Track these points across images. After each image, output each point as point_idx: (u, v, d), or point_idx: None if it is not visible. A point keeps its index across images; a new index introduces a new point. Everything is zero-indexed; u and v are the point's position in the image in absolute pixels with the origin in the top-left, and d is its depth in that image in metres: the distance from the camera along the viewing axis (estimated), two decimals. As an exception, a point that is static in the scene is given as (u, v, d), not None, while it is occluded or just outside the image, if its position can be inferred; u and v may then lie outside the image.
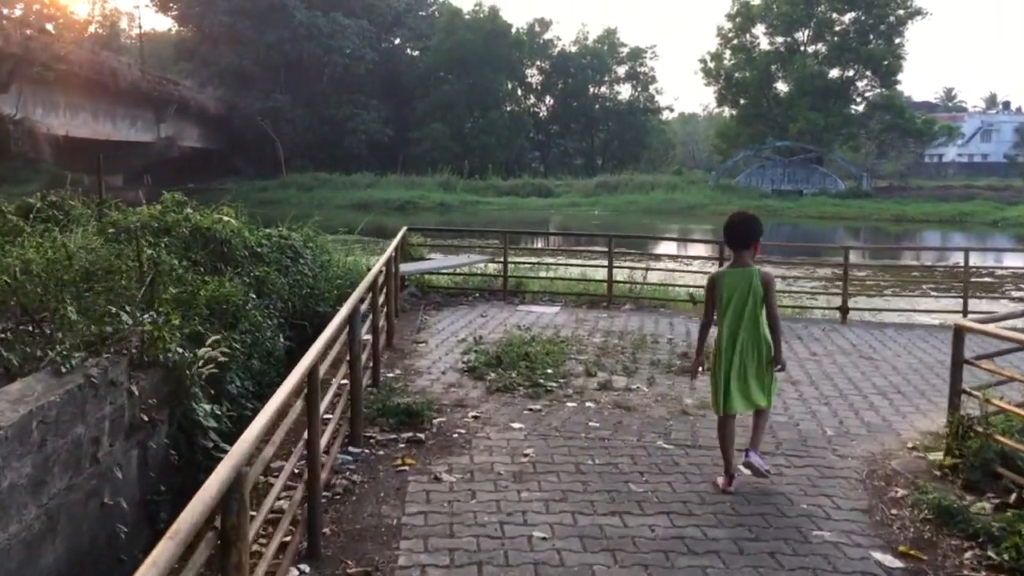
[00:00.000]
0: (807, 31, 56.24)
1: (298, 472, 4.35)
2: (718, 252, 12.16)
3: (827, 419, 6.37)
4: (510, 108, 64.55)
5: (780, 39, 56.96)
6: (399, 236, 10.62)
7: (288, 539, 3.80)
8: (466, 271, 13.33)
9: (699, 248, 22.84)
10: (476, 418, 6.19)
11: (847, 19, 54.78)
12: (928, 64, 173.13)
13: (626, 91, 69.12)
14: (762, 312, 4.88)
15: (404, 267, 11.36)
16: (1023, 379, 5.35)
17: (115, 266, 6.21)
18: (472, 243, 17.35)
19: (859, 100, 57.55)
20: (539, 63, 67.25)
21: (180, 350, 5.46)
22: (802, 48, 56.42)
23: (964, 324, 5.38)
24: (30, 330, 5.23)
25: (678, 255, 19.55)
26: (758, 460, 4.96)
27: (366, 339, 6.79)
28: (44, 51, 32.78)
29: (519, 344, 8.34)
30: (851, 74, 56.22)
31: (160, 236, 7.85)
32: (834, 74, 56.02)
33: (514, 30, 63.79)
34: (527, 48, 64.56)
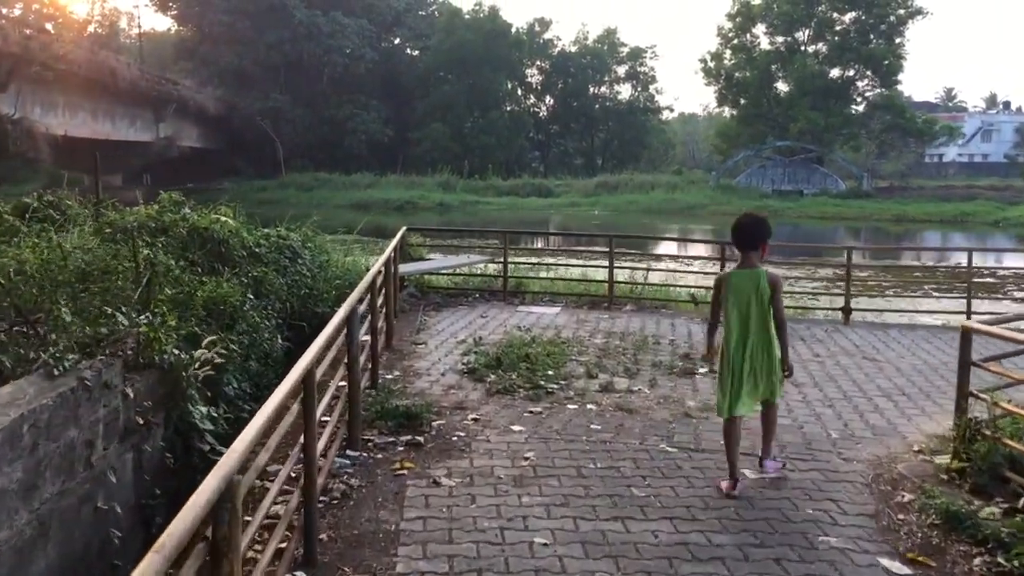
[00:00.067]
0: (807, 31, 56.16)
1: (295, 476, 4.28)
2: (719, 252, 12.07)
3: (831, 422, 6.29)
4: (510, 108, 64.45)
5: (780, 39, 56.89)
6: (398, 236, 10.53)
7: (284, 545, 3.72)
8: (466, 271, 13.25)
9: (700, 248, 22.80)
10: (476, 420, 6.12)
11: (847, 19, 54.72)
12: (928, 64, 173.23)
13: (626, 91, 69.17)
14: (770, 313, 4.87)
15: (403, 267, 11.27)
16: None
17: (111, 266, 6.14)
18: (472, 243, 17.29)
19: (860, 100, 57.48)
20: (539, 63, 67.17)
21: (176, 352, 5.39)
22: (802, 48, 56.33)
23: (971, 326, 5.30)
24: (24, 331, 5.16)
25: (679, 255, 19.47)
26: (773, 468, 5.12)
27: (365, 340, 6.72)
28: (43, 51, 32.71)
29: (519, 345, 8.27)
30: (852, 74, 56.14)
31: (157, 236, 7.76)
32: (835, 74, 55.94)
33: (514, 30, 63.71)
34: (527, 48, 64.47)
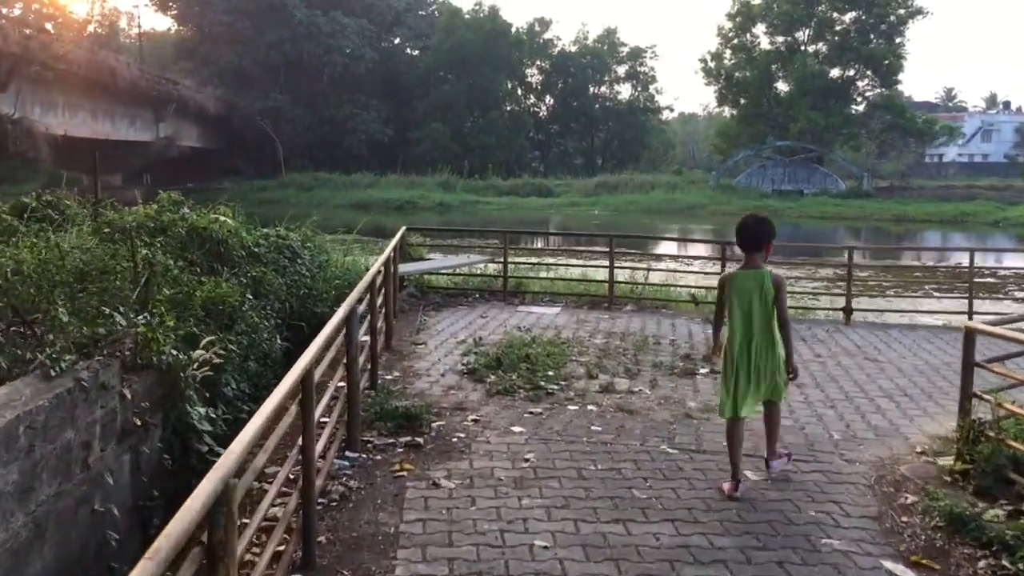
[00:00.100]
0: (808, 30, 56.13)
1: (293, 478, 4.25)
2: (720, 252, 12.04)
3: (833, 423, 6.25)
4: (510, 108, 64.42)
5: (780, 38, 56.85)
6: (398, 236, 10.48)
7: (282, 548, 3.69)
8: (466, 271, 13.21)
9: (700, 248, 22.77)
10: (476, 422, 6.08)
11: (848, 18, 54.69)
12: (928, 64, 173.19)
13: (626, 91, 69.17)
14: (773, 314, 4.87)
15: (403, 267, 11.23)
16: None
17: (109, 266, 6.10)
18: (472, 243, 17.24)
19: (860, 100, 57.45)
20: (539, 63, 67.14)
21: (174, 352, 5.35)
22: (803, 47, 56.30)
23: (975, 326, 5.26)
24: (21, 332, 5.12)
25: (680, 255, 19.43)
26: (779, 466, 5.13)
27: (364, 340, 6.69)
28: (43, 50, 32.68)
29: (519, 346, 8.23)
30: (852, 74, 56.10)
31: (155, 236, 7.72)
32: (835, 74, 55.91)
33: (514, 30, 63.69)
34: (527, 48, 64.45)
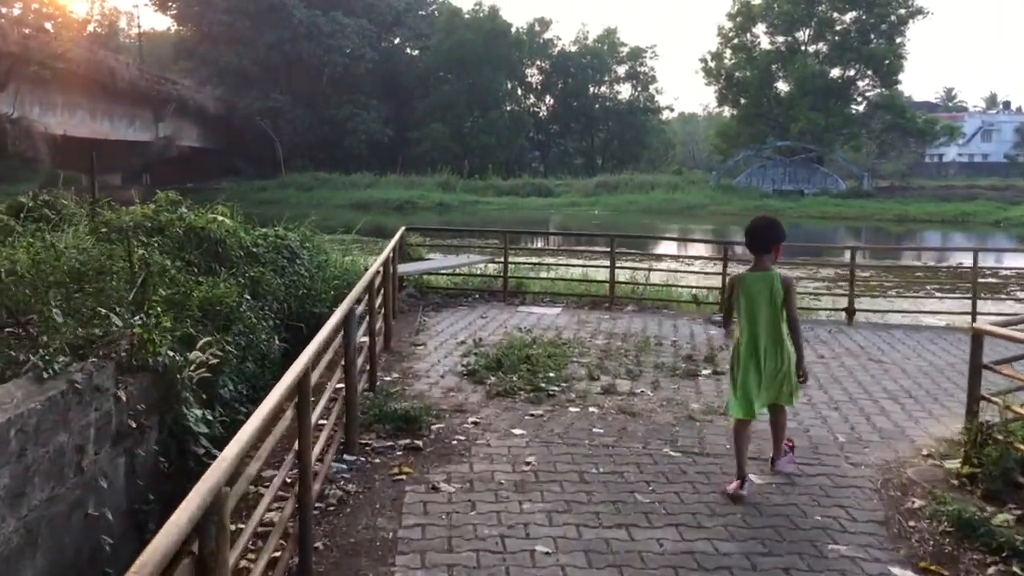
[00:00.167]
0: (808, 30, 56.06)
1: (290, 482, 4.17)
2: (721, 252, 11.97)
3: (838, 425, 6.18)
4: (510, 108, 64.34)
5: (781, 38, 56.79)
6: (397, 236, 10.41)
7: (278, 555, 3.61)
8: (466, 271, 13.13)
9: (701, 248, 22.70)
10: (476, 424, 6.00)
11: (848, 18, 54.62)
12: (928, 64, 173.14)
13: (626, 91, 69.10)
14: (782, 316, 4.83)
15: (402, 267, 11.15)
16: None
17: (105, 267, 6.03)
18: (472, 243, 17.15)
19: (860, 100, 57.40)
20: (539, 63, 67.07)
21: (171, 353, 5.28)
22: (803, 47, 56.23)
23: (984, 328, 5.19)
24: (15, 333, 5.05)
25: (680, 255, 19.37)
26: (786, 466, 5.13)
27: (363, 341, 6.61)
28: (42, 50, 32.65)
29: (520, 346, 8.15)
30: (852, 74, 56.05)
31: (153, 236, 7.66)
32: (835, 73, 55.86)
33: (514, 30, 63.62)
34: (527, 48, 64.37)
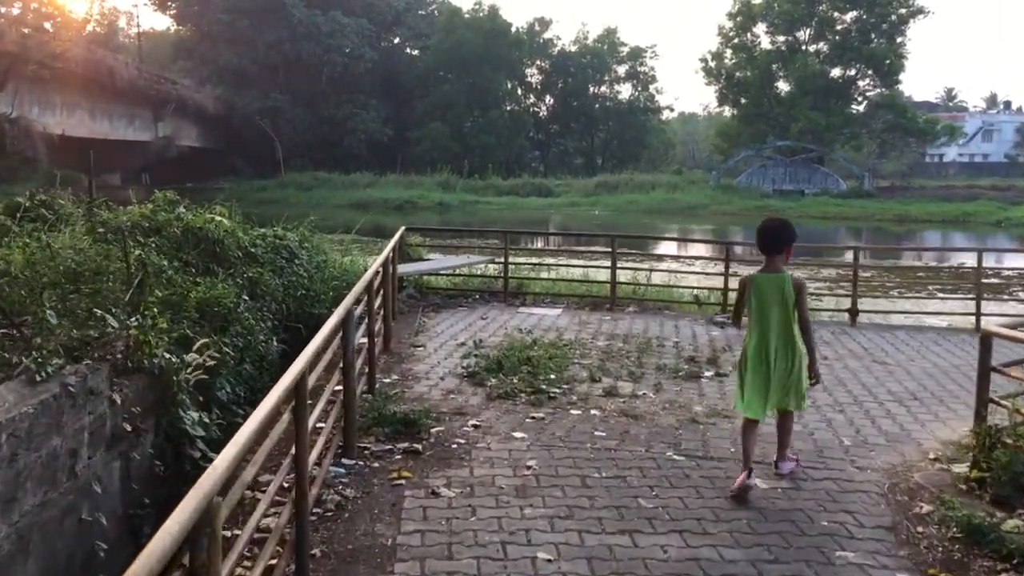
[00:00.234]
0: (808, 30, 55.99)
1: (287, 487, 4.09)
2: (723, 253, 11.90)
3: (843, 428, 6.10)
4: (510, 108, 64.27)
5: (781, 38, 56.73)
6: (397, 236, 10.32)
7: (274, 562, 3.53)
8: (466, 272, 13.05)
9: (701, 248, 22.64)
10: (476, 427, 5.93)
11: (849, 18, 54.56)
12: (929, 64, 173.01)
13: (626, 91, 69.02)
14: (794, 317, 4.78)
15: (402, 268, 11.08)
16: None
17: (102, 267, 5.95)
18: (472, 243, 17.08)
19: (861, 99, 57.32)
20: (539, 62, 66.99)
21: (167, 355, 5.19)
22: (803, 47, 56.15)
23: (992, 330, 5.11)
24: (9, 335, 4.97)
25: (681, 255, 19.29)
26: (788, 468, 5.07)
27: (362, 343, 6.54)
28: (41, 49, 32.56)
29: (520, 348, 8.07)
30: (853, 73, 55.98)
31: (150, 236, 7.58)
32: (835, 73, 55.81)
33: (514, 29, 63.53)
34: (527, 47, 64.28)
